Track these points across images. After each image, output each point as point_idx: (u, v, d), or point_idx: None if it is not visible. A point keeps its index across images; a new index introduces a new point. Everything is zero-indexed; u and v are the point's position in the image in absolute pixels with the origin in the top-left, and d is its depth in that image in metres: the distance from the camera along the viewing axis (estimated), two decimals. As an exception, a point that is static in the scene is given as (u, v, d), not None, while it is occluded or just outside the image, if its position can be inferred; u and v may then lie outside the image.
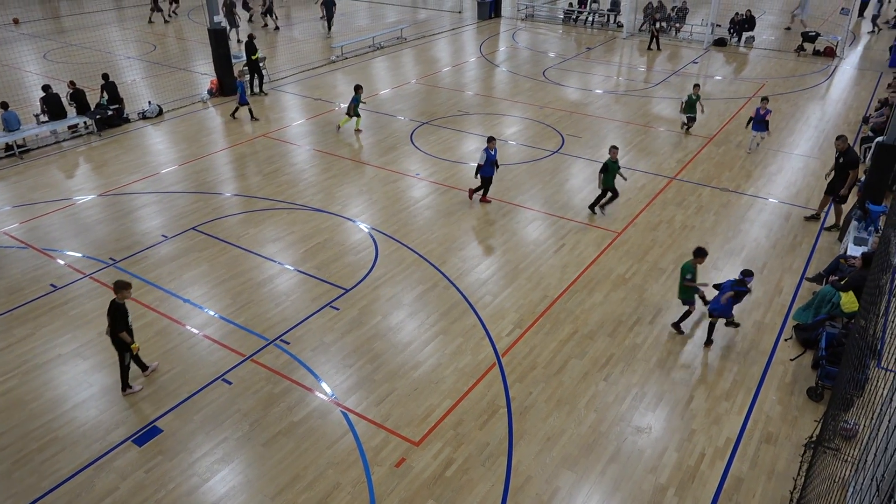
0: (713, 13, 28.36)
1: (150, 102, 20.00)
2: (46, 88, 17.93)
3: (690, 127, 17.49)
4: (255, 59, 21.28)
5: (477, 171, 13.93)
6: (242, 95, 19.09)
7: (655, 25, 28.11)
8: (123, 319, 8.74)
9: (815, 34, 27.07)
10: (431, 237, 13.22)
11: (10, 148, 16.95)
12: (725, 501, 7.72)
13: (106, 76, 19.06)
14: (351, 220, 13.90)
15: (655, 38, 27.88)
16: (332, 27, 30.61)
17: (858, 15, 30.59)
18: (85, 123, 18.27)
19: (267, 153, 17.24)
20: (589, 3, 33.17)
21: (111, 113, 18.73)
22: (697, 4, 34.91)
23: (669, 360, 9.96)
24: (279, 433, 8.60)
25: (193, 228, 13.50)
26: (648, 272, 12.12)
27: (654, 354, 10.06)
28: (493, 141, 13.84)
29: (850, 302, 9.96)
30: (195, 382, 9.44)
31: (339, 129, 18.67)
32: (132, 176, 15.83)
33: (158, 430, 8.64)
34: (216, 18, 20.45)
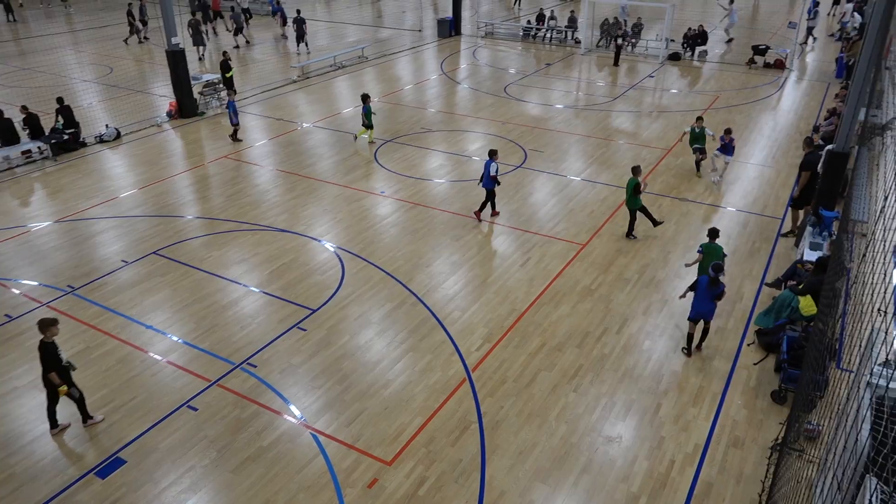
0: (667, 28, 29.15)
1: (107, 126, 19.63)
2: (-2, 113, 17.52)
3: (702, 159, 17.10)
4: (229, 76, 22.17)
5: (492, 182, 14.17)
6: (235, 115, 18.86)
7: (617, 41, 28.73)
8: (53, 359, 8.35)
9: (765, 47, 28.00)
10: (398, 254, 13.19)
11: (-40, 175, 16.48)
12: (696, 507, 7.81)
13: (60, 100, 18.67)
14: (316, 239, 13.80)
15: (617, 54, 28.48)
16: (307, 44, 30.33)
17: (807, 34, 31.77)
18: (39, 148, 17.83)
19: (229, 174, 17.04)
20: (547, 20, 33.79)
21: (67, 137, 18.33)
22: (651, 20, 35.82)
23: (637, 368, 10.08)
24: (248, 459, 8.43)
25: (154, 253, 13.24)
26: (613, 283, 12.28)
27: (621, 364, 10.17)
28: (495, 154, 14.12)
29: (808, 305, 10.25)
30: (159, 410, 9.21)
31: (356, 138, 19.28)
32: (90, 201, 15.48)
33: (122, 461, 8.39)
34: (174, 40, 20.26)
